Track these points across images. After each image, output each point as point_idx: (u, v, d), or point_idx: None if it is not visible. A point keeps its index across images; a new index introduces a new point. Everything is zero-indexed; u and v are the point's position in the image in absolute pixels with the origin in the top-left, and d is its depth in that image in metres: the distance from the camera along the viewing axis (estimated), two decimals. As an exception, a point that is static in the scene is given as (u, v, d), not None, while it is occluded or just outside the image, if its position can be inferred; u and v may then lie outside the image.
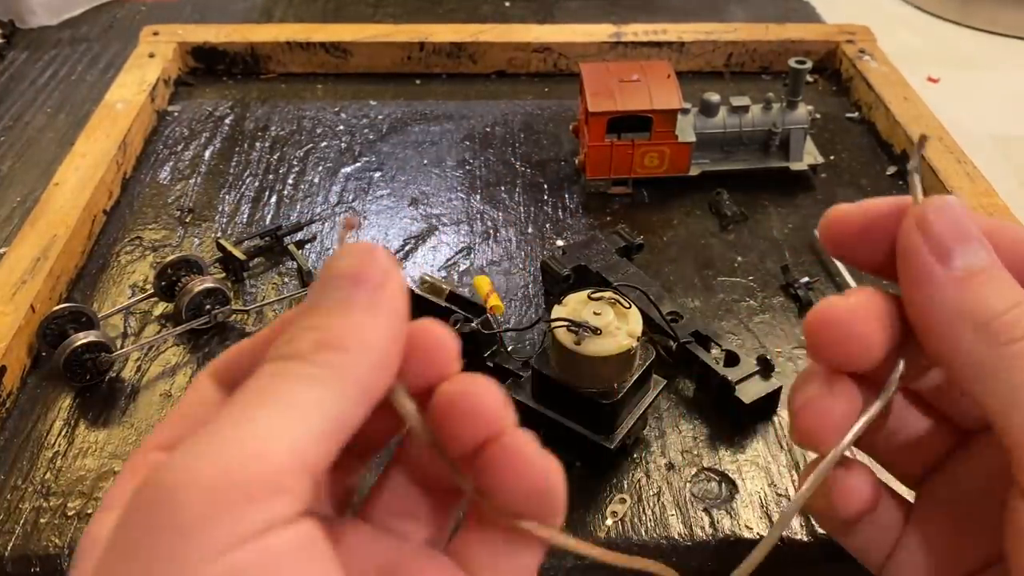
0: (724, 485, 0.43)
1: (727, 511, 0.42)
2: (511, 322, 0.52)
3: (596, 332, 0.39)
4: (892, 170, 0.66)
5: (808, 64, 0.62)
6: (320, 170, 0.65)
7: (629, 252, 0.54)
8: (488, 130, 0.70)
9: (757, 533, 0.41)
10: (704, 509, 0.42)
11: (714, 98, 0.62)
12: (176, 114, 0.72)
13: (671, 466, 0.44)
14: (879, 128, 0.70)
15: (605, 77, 0.60)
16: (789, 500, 0.42)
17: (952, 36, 0.95)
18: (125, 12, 0.88)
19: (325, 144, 0.68)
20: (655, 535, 0.41)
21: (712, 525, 0.41)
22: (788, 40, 0.78)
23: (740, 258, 0.58)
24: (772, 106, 0.63)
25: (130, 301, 0.53)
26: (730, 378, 0.45)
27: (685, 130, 0.61)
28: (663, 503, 0.42)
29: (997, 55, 0.91)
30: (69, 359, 0.46)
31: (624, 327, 0.40)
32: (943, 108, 0.69)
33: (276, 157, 0.67)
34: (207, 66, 0.77)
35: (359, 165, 0.66)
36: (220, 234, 0.59)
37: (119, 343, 0.50)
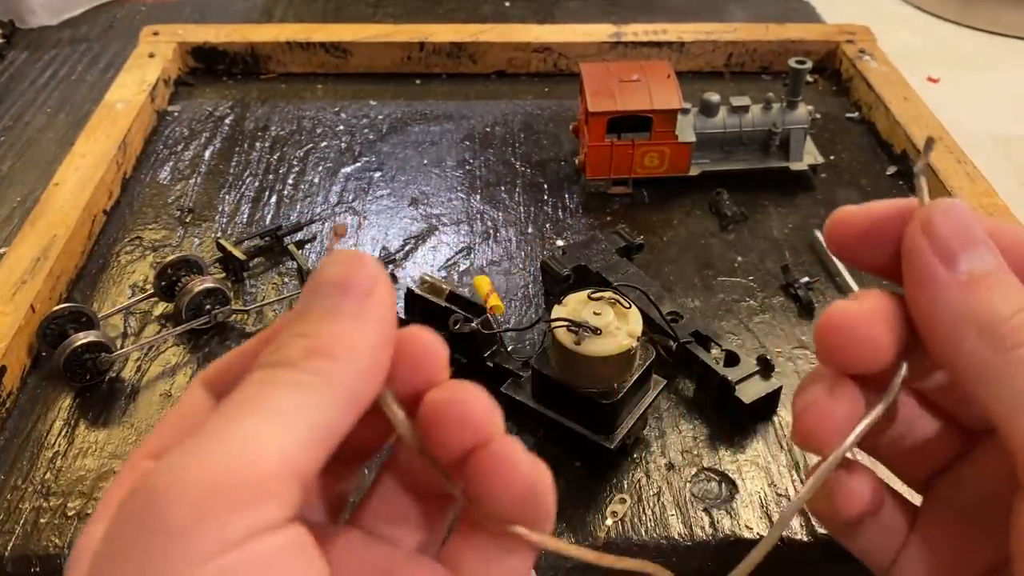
0: (724, 485, 0.43)
1: (727, 511, 0.42)
2: (511, 322, 0.52)
3: (596, 332, 0.39)
4: (892, 170, 0.66)
5: (808, 64, 0.62)
6: (320, 170, 0.65)
7: (629, 252, 0.54)
8: (488, 130, 0.70)
9: (757, 533, 0.41)
10: (704, 509, 0.42)
11: (714, 98, 0.62)
12: (176, 114, 0.72)
13: (671, 466, 0.44)
14: (879, 128, 0.70)
15: (605, 77, 0.60)
16: (789, 500, 0.42)
17: (952, 36, 0.95)
18: (125, 12, 0.88)
19: (325, 144, 0.68)
20: (655, 535, 0.41)
21: (712, 525, 0.41)
22: (788, 40, 0.78)
23: (740, 258, 0.58)
24: (772, 106, 0.63)
25: (130, 301, 0.53)
26: (730, 378, 0.45)
27: (685, 130, 0.61)
28: (663, 503, 0.42)
29: (997, 55, 0.91)
30: (69, 359, 0.46)
31: (624, 327, 0.40)
32: (943, 108, 0.69)
33: (276, 157, 0.67)
34: (207, 66, 0.77)
35: (359, 165, 0.66)
36: (220, 234, 0.59)
37: (119, 343, 0.50)
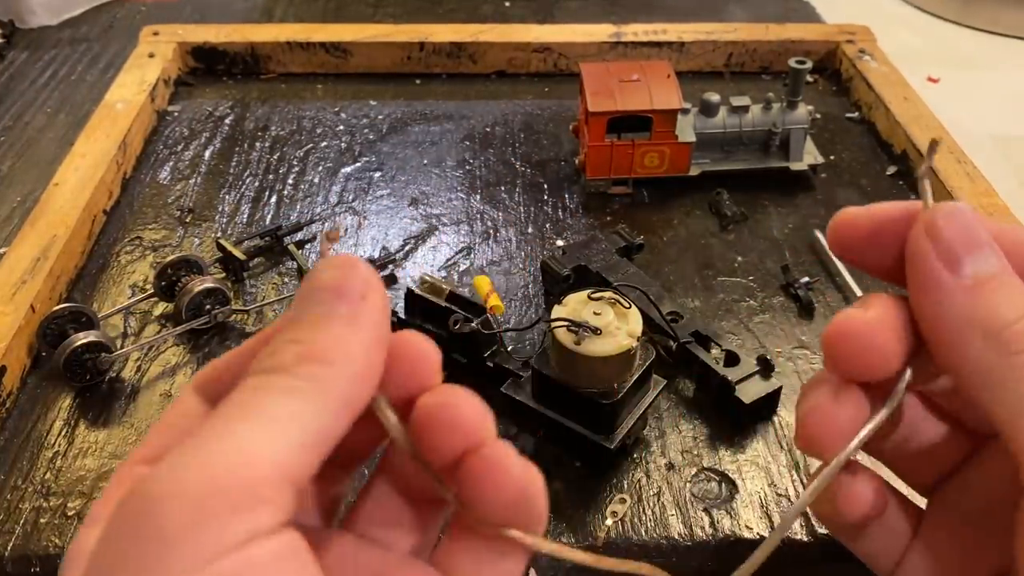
0: (724, 485, 0.43)
1: (727, 511, 0.42)
2: (511, 322, 0.52)
3: (596, 332, 0.39)
4: (892, 170, 0.66)
5: (808, 64, 0.62)
6: (320, 170, 0.65)
7: (629, 252, 0.54)
8: (488, 130, 0.70)
9: (757, 533, 0.41)
10: (704, 509, 0.42)
11: (714, 98, 0.62)
12: (176, 114, 0.72)
13: (671, 466, 0.44)
14: (879, 128, 0.70)
15: (605, 77, 0.60)
16: (789, 500, 0.42)
17: (952, 36, 0.95)
18: (125, 12, 0.88)
19: (325, 144, 0.68)
20: (655, 535, 0.41)
21: (712, 525, 0.41)
22: (788, 40, 0.78)
23: (740, 258, 0.58)
24: (772, 106, 0.63)
25: (130, 301, 0.53)
26: (730, 378, 0.45)
27: (685, 130, 0.61)
28: (663, 503, 0.42)
29: (997, 55, 0.91)
30: (69, 359, 0.46)
31: (624, 327, 0.40)
32: (943, 108, 0.69)
33: (276, 157, 0.67)
34: (207, 66, 0.77)
35: (359, 165, 0.66)
36: (220, 234, 0.59)
37: (119, 343, 0.50)
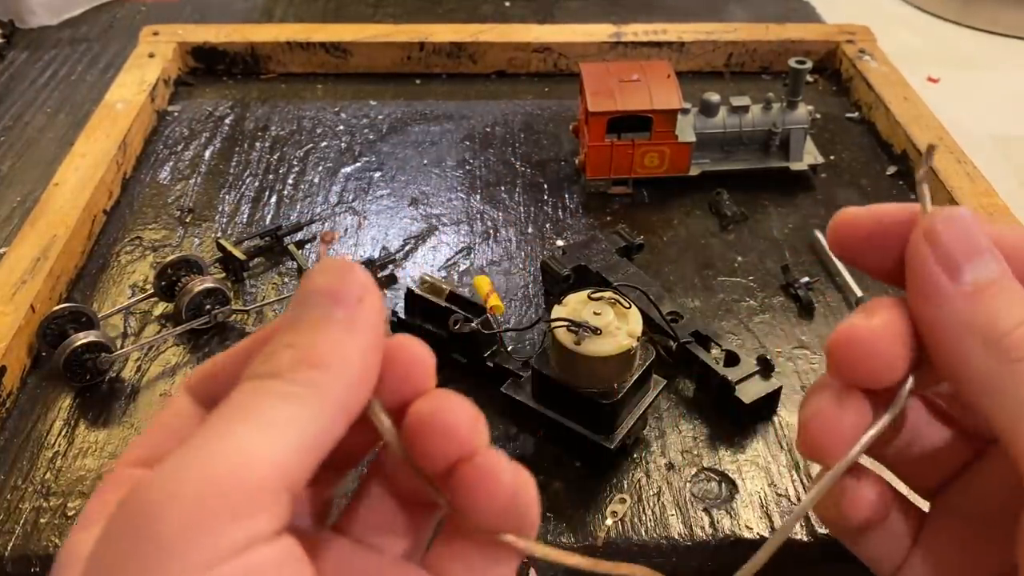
0: (724, 485, 0.43)
1: (727, 511, 0.42)
2: (511, 322, 0.52)
3: (596, 332, 0.39)
4: (892, 170, 0.66)
5: (808, 64, 0.62)
6: (320, 170, 0.65)
7: (629, 252, 0.54)
8: (488, 130, 0.70)
9: (757, 533, 0.41)
10: (704, 509, 0.42)
11: (714, 98, 0.62)
12: (176, 114, 0.72)
13: (671, 466, 0.44)
14: (879, 128, 0.70)
15: (605, 77, 0.60)
16: (789, 500, 0.42)
17: (952, 36, 0.95)
18: (125, 12, 0.88)
19: (325, 144, 0.68)
20: (655, 535, 0.41)
21: (712, 525, 0.41)
22: (788, 40, 0.78)
23: (740, 258, 0.58)
24: (772, 106, 0.63)
25: (130, 301, 0.53)
26: (730, 378, 0.45)
27: (685, 130, 0.61)
28: (663, 503, 0.42)
29: (997, 55, 0.91)
30: (69, 359, 0.46)
31: (624, 327, 0.40)
32: (943, 108, 0.69)
33: (276, 157, 0.67)
34: (207, 66, 0.77)
35: (359, 165, 0.66)
36: (220, 234, 0.59)
37: (119, 343, 0.50)
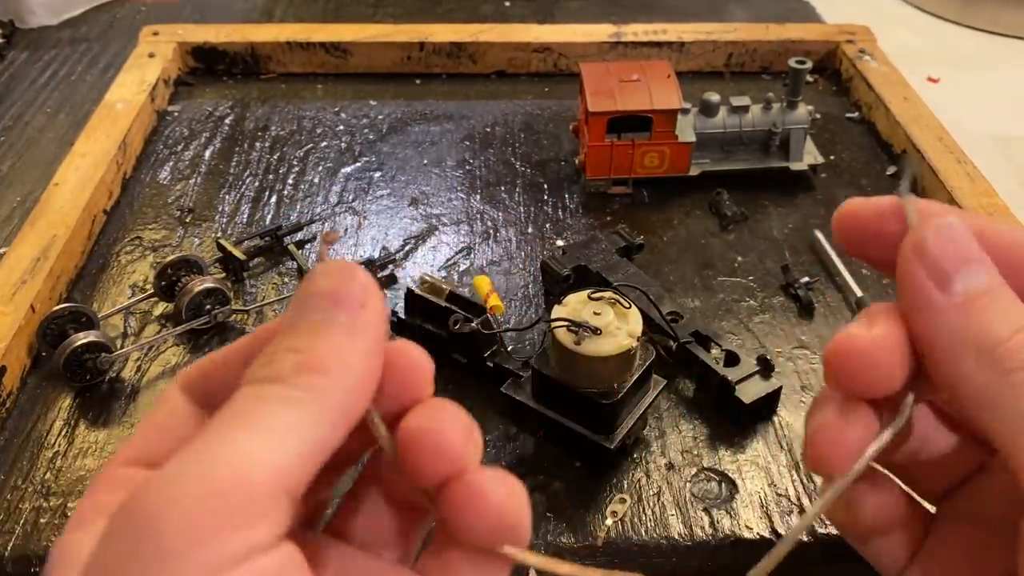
0: (724, 485, 0.43)
1: (727, 511, 0.42)
2: (511, 322, 0.52)
3: (596, 332, 0.39)
4: (892, 170, 0.66)
5: (808, 64, 0.62)
6: (320, 170, 0.65)
7: (629, 252, 0.54)
8: (488, 130, 0.70)
9: (757, 533, 0.41)
10: (704, 509, 0.42)
11: (714, 98, 0.62)
12: (176, 114, 0.72)
13: (671, 466, 0.44)
14: (879, 128, 0.70)
15: (605, 77, 0.60)
16: (789, 500, 0.42)
17: (952, 36, 0.95)
18: (125, 12, 0.88)
19: (325, 144, 0.68)
20: (655, 535, 0.41)
21: (712, 525, 0.41)
22: (788, 40, 0.78)
23: (740, 258, 0.58)
24: (772, 106, 0.63)
25: (130, 301, 0.53)
26: (730, 378, 0.45)
27: (685, 130, 0.61)
28: (663, 503, 0.42)
29: (997, 55, 0.91)
30: (69, 359, 0.46)
31: (624, 327, 0.40)
32: (943, 108, 0.69)
33: (276, 157, 0.67)
34: (207, 66, 0.77)
35: (359, 165, 0.66)
36: (220, 234, 0.59)
37: (119, 343, 0.50)
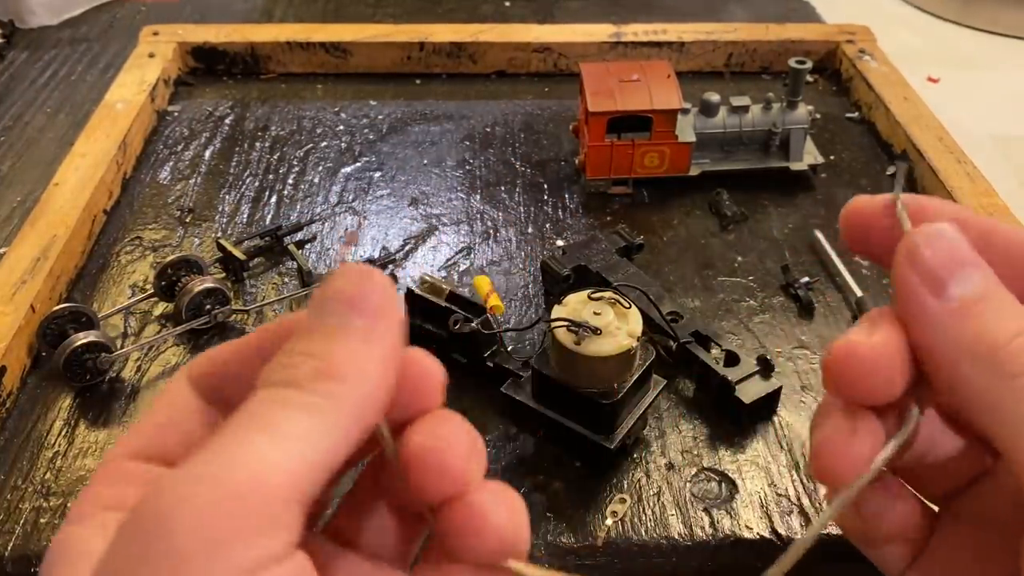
0: (724, 485, 0.43)
1: (727, 511, 0.42)
2: (511, 322, 0.52)
3: (596, 332, 0.39)
4: (892, 170, 0.66)
5: (808, 64, 0.62)
6: (320, 170, 0.65)
7: (629, 252, 0.54)
8: (488, 130, 0.70)
9: (757, 533, 0.41)
10: (704, 509, 0.42)
11: (714, 98, 0.62)
12: (176, 114, 0.72)
13: (671, 466, 0.44)
14: (879, 128, 0.70)
15: (605, 77, 0.60)
16: (789, 500, 0.42)
17: (952, 36, 0.95)
18: (125, 12, 0.88)
19: (325, 144, 0.68)
20: (655, 535, 0.41)
21: (712, 525, 0.41)
22: (788, 40, 0.78)
23: (740, 258, 0.58)
24: (772, 106, 0.63)
25: (130, 301, 0.53)
26: (730, 378, 0.45)
27: (685, 130, 0.61)
28: (663, 503, 0.42)
29: (997, 55, 0.91)
30: (69, 359, 0.46)
31: (624, 327, 0.40)
32: (943, 108, 0.69)
33: (276, 157, 0.67)
34: (207, 66, 0.77)
35: (359, 165, 0.66)
36: (220, 234, 0.59)
37: (119, 343, 0.50)
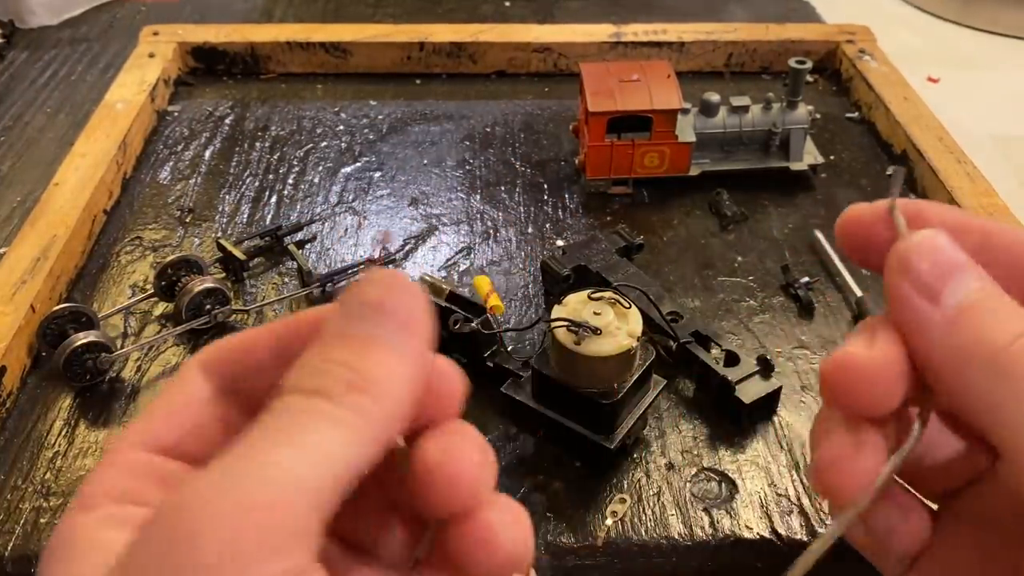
0: (724, 485, 0.43)
1: (727, 511, 0.42)
2: (511, 322, 0.52)
3: (596, 332, 0.39)
4: (891, 170, 0.66)
5: (808, 64, 0.62)
6: (320, 170, 0.65)
7: (629, 252, 0.54)
8: (488, 130, 0.70)
9: (757, 533, 0.41)
10: (704, 509, 0.42)
11: (714, 98, 0.62)
12: (176, 114, 0.72)
13: (671, 466, 0.44)
14: (879, 128, 0.70)
15: (605, 77, 0.60)
16: (789, 500, 0.42)
17: (952, 36, 0.95)
18: (125, 12, 0.88)
19: (325, 144, 0.68)
20: (655, 535, 0.41)
21: (712, 525, 0.41)
22: (788, 40, 0.78)
23: (740, 258, 0.58)
24: (772, 106, 0.63)
25: (130, 301, 0.53)
26: (730, 378, 0.45)
27: (685, 130, 0.61)
28: (663, 503, 0.42)
29: (997, 55, 0.91)
30: (69, 359, 0.46)
31: (624, 327, 0.40)
32: (943, 108, 0.69)
33: (276, 157, 0.67)
34: (207, 66, 0.77)
35: (359, 165, 0.66)
36: (220, 234, 0.59)
37: (119, 343, 0.50)
